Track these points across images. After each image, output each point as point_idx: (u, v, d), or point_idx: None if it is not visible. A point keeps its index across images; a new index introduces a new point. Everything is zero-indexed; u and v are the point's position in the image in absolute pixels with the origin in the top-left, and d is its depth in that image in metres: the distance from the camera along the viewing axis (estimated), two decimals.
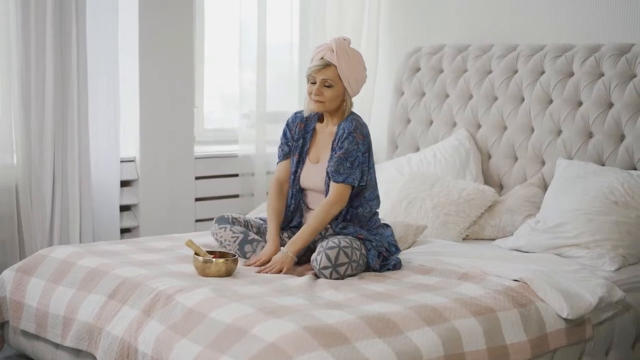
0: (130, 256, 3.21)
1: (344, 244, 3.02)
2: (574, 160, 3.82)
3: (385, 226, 3.27)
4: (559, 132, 3.98)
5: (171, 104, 4.43)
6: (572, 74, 3.98)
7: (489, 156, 4.26)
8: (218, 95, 5.11)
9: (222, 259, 2.96)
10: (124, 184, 4.35)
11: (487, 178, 4.23)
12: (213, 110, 5.09)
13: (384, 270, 3.15)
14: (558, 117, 3.97)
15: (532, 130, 4.08)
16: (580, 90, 3.92)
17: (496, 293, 2.83)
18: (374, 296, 2.75)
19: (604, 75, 3.86)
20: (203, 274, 2.95)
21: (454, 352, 2.52)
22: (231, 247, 3.22)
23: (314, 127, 3.31)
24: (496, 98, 4.25)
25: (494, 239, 3.80)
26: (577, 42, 4.09)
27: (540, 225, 3.54)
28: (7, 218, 3.87)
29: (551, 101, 4.03)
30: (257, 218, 3.41)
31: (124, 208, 4.36)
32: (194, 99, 4.62)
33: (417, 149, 4.56)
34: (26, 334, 3.17)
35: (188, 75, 4.51)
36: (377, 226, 3.23)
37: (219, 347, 2.41)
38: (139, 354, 2.63)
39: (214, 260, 2.94)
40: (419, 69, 4.63)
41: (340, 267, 2.99)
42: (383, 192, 3.78)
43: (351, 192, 3.15)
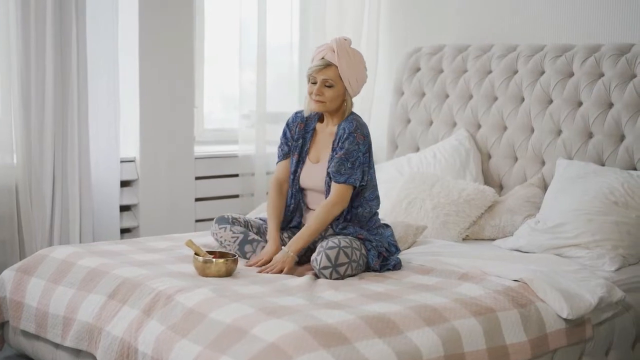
0: (130, 256, 3.21)
1: (344, 244, 3.02)
2: (574, 161, 3.82)
3: (385, 226, 3.27)
4: (559, 132, 3.98)
5: (171, 104, 4.44)
6: (572, 74, 3.98)
7: (489, 156, 4.26)
8: (218, 95, 5.11)
9: (222, 259, 2.96)
10: (124, 184, 4.35)
11: (487, 178, 4.23)
12: (213, 110, 5.09)
13: (384, 270, 3.15)
14: (558, 117, 3.97)
15: (532, 130, 4.08)
16: (580, 90, 3.92)
17: (496, 293, 2.83)
18: (374, 296, 2.75)
19: (604, 75, 3.86)
20: (203, 274, 2.95)
21: (454, 352, 2.52)
22: (231, 247, 3.22)
23: (314, 127, 3.31)
24: (496, 98, 4.25)
25: (494, 239, 3.80)
26: (577, 42, 4.09)
27: (540, 226, 3.54)
28: (7, 218, 3.87)
29: (551, 101, 4.03)
30: (257, 218, 3.41)
31: (124, 208, 4.36)
32: (194, 99, 4.62)
33: (417, 149, 4.56)
34: (26, 334, 3.17)
35: (188, 75, 4.51)
36: (377, 226, 3.23)
37: (219, 347, 2.41)
38: (139, 354, 2.63)
39: (214, 260, 2.94)
40: (419, 69, 4.63)
41: (340, 267, 2.99)
42: (383, 192, 3.78)
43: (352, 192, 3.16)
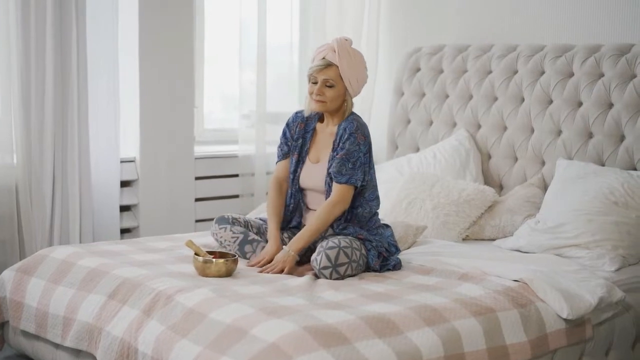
0: (130, 256, 3.21)
1: (343, 244, 3.02)
2: (574, 161, 3.82)
3: (385, 226, 3.27)
4: (559, 132, 3.98)
5: (171, 104, 4.44)
6: (572, 75, 3.98)
7: (489, 156, 4.26)
8: (218, 95, 5.11)
9: (222, 259, 2.96)
10: (124, 184, 4.35)
11: (487, 178, 4.23)
12: (213, 110, 5.09)
13: (384, 270, 3.15)
14: (558, 118, 3.97)
15: (532, 130, 4.08)
16: (580, 90, 3.92)
17: (496, 293, 2.83)
18: (374, 296, 2.75)
19: (604, 75, 3.86)
20: (203, 274, 2.95)
21: (454, 352, 2.52)
22: (231, 247, 3.22)
23: (314, 127, 3.31)
24: (496, 98, 4.25)
25: (494, 240, 3.80)
26: (577, 43, 4.09)
27: (540, 226, 3.54)
28: (7, 218, 3.87)
29: (551, 101, 4.03)
30: (257, 218, 3.41)
31: (124, 208, 4.36)
32: (194, 99, 4.62)
33: (417, 150, 4.56)
34: (26, 334, 3.16)
35: (188, 75, 4.51)
36: (377, 226, 3.23)
37: (219, 347, 2.41)
38: (139, 354, 2.63)
39: (214, 260, 2.94)
40: (419, 69, 4.63)
41: (340, 267, 2.99)
42: (383, 193, 3.78)
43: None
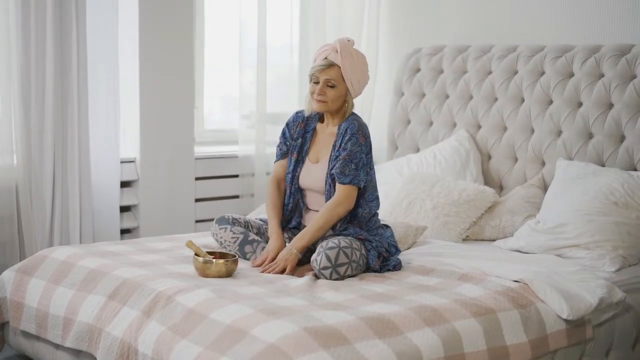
0: (131, 257, 3.21)
1: (343, 245, 3.02)
2: (574, 161, 3.82)
3: (385, 227, 3.27)
4: (559, 132, 3.98)
5: (171, 105, 4.44)
6: (572, 75, 3.98)
7: (489, 157, 4.26)
8: (218, 96, 5.11)
9: (222, 260, 2.96)
10: (124, 184, 4.35)
11: (487, 179, 4.23)
12: (213, 111, 5.09)
13: (384, 271, 3.15)
14: (558, 118, 3.97)
15: (532, 131, 4.08)
16: (580, 91, 3.92)
17: (496, 294, 2.83)
18: (374, 297, 2.75)
19: (604, 76, 3.86)
20: (203, 274, 2.94)
21: (454, 352, 2.52)
22: (231, 247, 3.22)
23: (314, 127, 3.31)
24: (496, 99, 4.25)
25: (494, 240, 3.79)
26: (577, 43, 4.09)
27: (541, 226, 3.54)
28: (7, 219, 3.87)
29: (551, 102, 4.03)
30: (257, 219, 3.41)
31: (124, 209, 4.36)
32: (194, 100, 4.62)
33: (417, 150, 4.56)
34: (26, 334, 3.16)
35: (188, 75, 4.51)
36: (376, 227, 3.23)
37: (219, 348, 2.41)
38: (139, 355, 2.62)
39: (214, 261, 2.94)
40: (419, 70, 4.63)
41: (340, 267, 2.99)
42: (383, 193, 3.79)
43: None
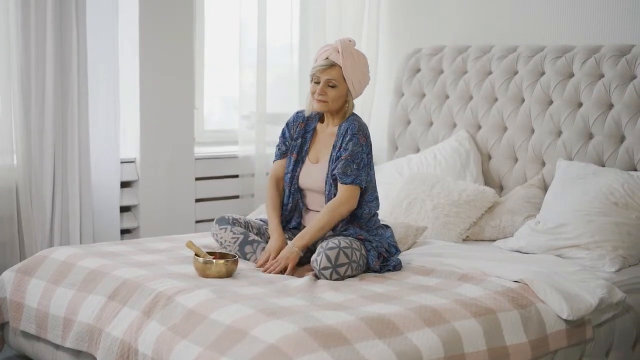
0: (131, 257, 3.21)
1: (343, 245, 3.02)
2: (574, 161, 3.82)
3: (385, 227, 3.27)
4: (559, 133, 3.98)
5: (171, 105, 4.44)
6: (572, 75, 3.98)
7: (489, 157, 4.26)
8: (218, 96, 5.11)
9: (222, 260, 2.96)
10: (124, 184, 4.35)
11: (487, 179, 4.23)
12: (213, 111, 5.09)
13: (384, 271, 3.15)
14: (558, 118, 3.97)
15: (532, 131, 4.08)
16: (580, 91, 3.92)
17: (496, 294, 2.83)
18: (374, 297, 2.75)
19: (604, 76, 3.86)
20: (203, 275, 2.94)
21: (454, 353, 2.52)
22: (231, 248, 3.22)
23: (315, 127, 3.31)
24: (496, 99, 4.25)
25: (494, 240, 3.79)
26: (577, 43, 4.09)
27: (541, 226, 3.54)
28: (7, 219, 3.87)
29: (551, 102, 4.03)
30: (257, 219, 3.41)
31: (124, 209, 4.36)
32: (194, 100, 4.62)
33: (417, 150, 4.56)
34: (26, 334, 3.16)
35: (188, 76, 4.51)
36: (376, 227, 3.23)
37: (219, 348, 2.41)
38: (139, 355, 2.62)
39: (214, 261, 2.94)
40: (419, 70, 4.63)
41: (340, 267, 2.99)
42: (383, 193, 3.79)
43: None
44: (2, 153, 3.86)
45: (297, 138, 3.30)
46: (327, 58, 3.16)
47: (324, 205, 3.21)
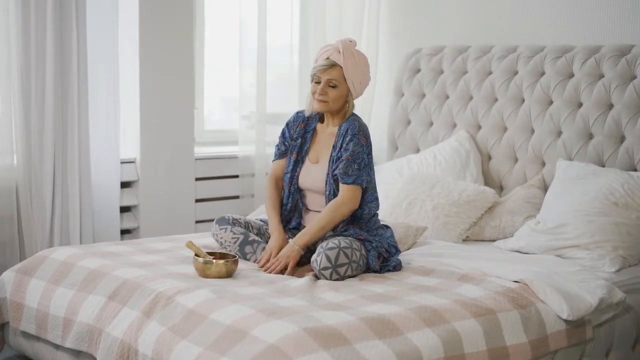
0: (131, 257, 3.21)
1: (343, 245, 3.02)
2: (574, 162, 3.82)
3: (385, 227, 3.27)
4: (559, 133, 3.98)
5: (171, 105, 4.44)
6: (572, 75, 3.98)
7: (489, 157, 4.26)
8: (218, 96, 5.11)
9: (223, 260, 2.96)
10: (124, 185, 4.35)
11: (488, 179, 4.23)
12: (213, 111, 5.09)
13: (384, 271, 3.15)
14: (558, 118, 3.97)
15: (532, 131, 4.08)
16: (580, 91, 3.92)
17: (496, 294, 2.83)
18: (374, 297, 2.75)
19: (604, 76, 3.86)
20: (203, 275, 2.94)
21: (454, 353, 2.52)
22: (231, 248, 3.22)
23: (315, 127, 3.31)
24: (496, 99, 4.25)
25: (494, 240, 3.79)
26: (577, 43, 4.09)
27: (541, 227, 3.54)
28: (7, 219, 3.87)
29: (551, 102, 4.03)
30: (257, 219, 3.41)
31: (124, 209, 4.36)
32: (194, 100, 4.62)
33: (417, 150, 4.56)
34: (26, 335, 3.16)
35: (188, 76, 4.51)
36: (376, 227, 3.23)
37: (219, 348, 2.41)
38: (139, 355, 2.62)
39: (214, 261, 2.94)
40: (419, 70, 4.63)
41: (340, 267, 2.99)
42: (383, 193, 3.79)
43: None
44: (2, 153, 3.86)
45: (297, 138, 3.30)
46: (328, 58, 3.16)
47: (323, 205, 3.21)
